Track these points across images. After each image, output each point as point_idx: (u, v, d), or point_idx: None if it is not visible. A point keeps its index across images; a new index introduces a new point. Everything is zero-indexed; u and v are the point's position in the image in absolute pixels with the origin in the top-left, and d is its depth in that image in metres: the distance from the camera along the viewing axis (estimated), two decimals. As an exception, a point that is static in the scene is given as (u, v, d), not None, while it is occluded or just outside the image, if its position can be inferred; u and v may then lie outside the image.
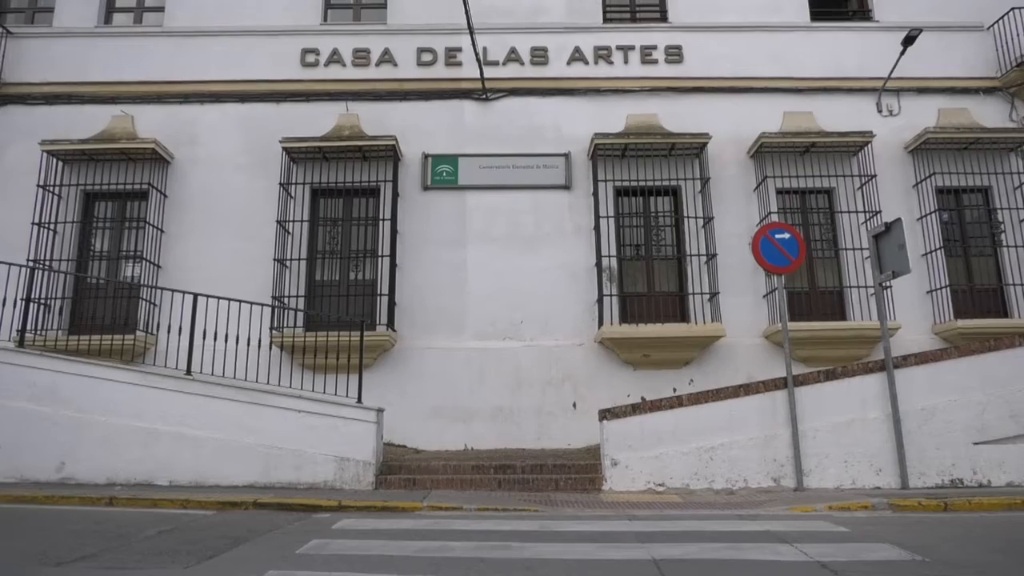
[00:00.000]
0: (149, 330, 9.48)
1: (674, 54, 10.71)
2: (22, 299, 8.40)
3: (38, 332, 9.06)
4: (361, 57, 10.67)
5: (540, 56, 10.70)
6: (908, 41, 9.55)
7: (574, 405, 9.50)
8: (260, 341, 8.55)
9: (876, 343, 9.40)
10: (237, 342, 8.24)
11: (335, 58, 10.65)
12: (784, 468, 7.52)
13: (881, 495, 6.89)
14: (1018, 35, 10.57)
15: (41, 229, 9.68)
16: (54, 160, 9.98)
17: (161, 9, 11.02)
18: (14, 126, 10.32)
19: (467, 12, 8.89)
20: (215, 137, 10.38)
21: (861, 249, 9.78)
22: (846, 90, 10.55)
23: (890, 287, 8.98)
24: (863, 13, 11.20)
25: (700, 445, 7.56)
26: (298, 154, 10.03)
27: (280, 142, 9.91)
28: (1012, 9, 10.57)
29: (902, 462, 7.39)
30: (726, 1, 10.89)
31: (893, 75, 10.12)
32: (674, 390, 9.37)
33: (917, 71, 10.40)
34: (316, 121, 10.24)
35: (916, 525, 5.70)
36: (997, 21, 10.70)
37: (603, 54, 10.72)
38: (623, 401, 8.93)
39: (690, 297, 9.77)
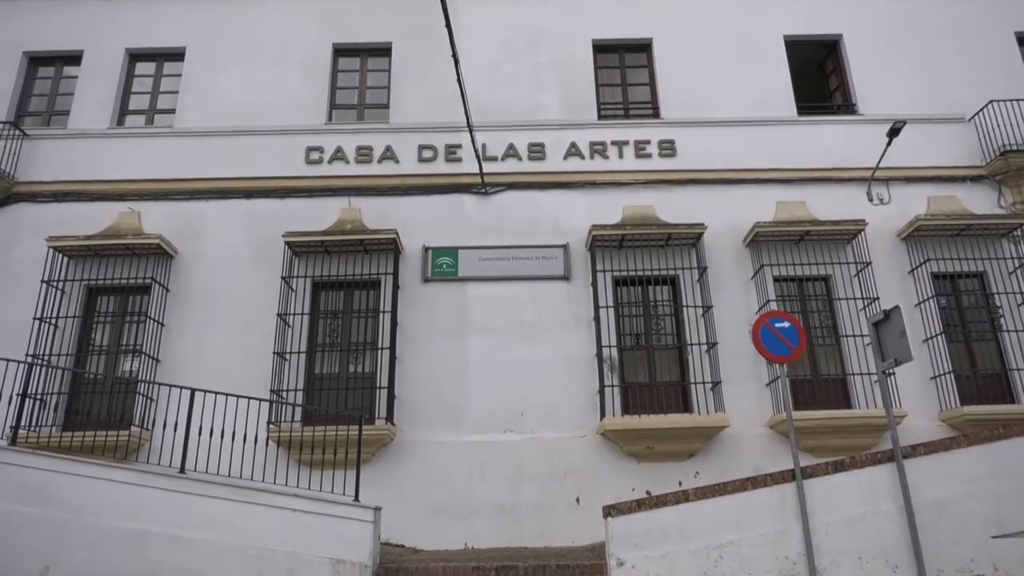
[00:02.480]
0: (145, 425, 9.36)
1: (667, 148, 11.05)
2: (18, 395, 8.34)
3: (32, 428, 8.95)
4: (364, 154, 11.01)
5: (537, 151, 11.04)
6: (893, 133, 9.85)
7: (577, 500, 9.25)
8: (256, 437, 8.40)
9: (883, 431, 9.24)
10: (233, 438, 8.12)
11: (339, 155, 10.99)
12: (796, 566, 7.21)
13: (900, 595, 6.60)
14: (999, 126, 10.95)
15: (42, 324, 9.71)
16: (60, 256, 10.14)
17: (172, 111, 11.47)
18: (23, 223, 10.54)
19: (466, 111, 9.23)
20: (219, 232, 10.58)
21: (862, 336, 9.78)
22: (836, 180, 10.82)
23: (893, 374, 8.91)
24: (848, 107, 11.62)
25: (708, 543, 7.28)
26: (300, 248, 10.19)
27: (283, 236, 10.08)
28: (990, 102, 10.99)
29: (919, 558, 7.10)
30: (715, 99, 11.32)
31: (881, 165, 10.40)
32: (680, 483, 9.14)
33: (904, 161, 10.69)
34: (319, 215, 10.47)
35: (939, 629, 5.42)
36: (977, 113, 11.10)
37: (598, 149, 11.06)
38: (628, 495, 8.70)
39: (692, 386, 9.69)
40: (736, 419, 9.42)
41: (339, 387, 9.77)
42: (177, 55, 11.80)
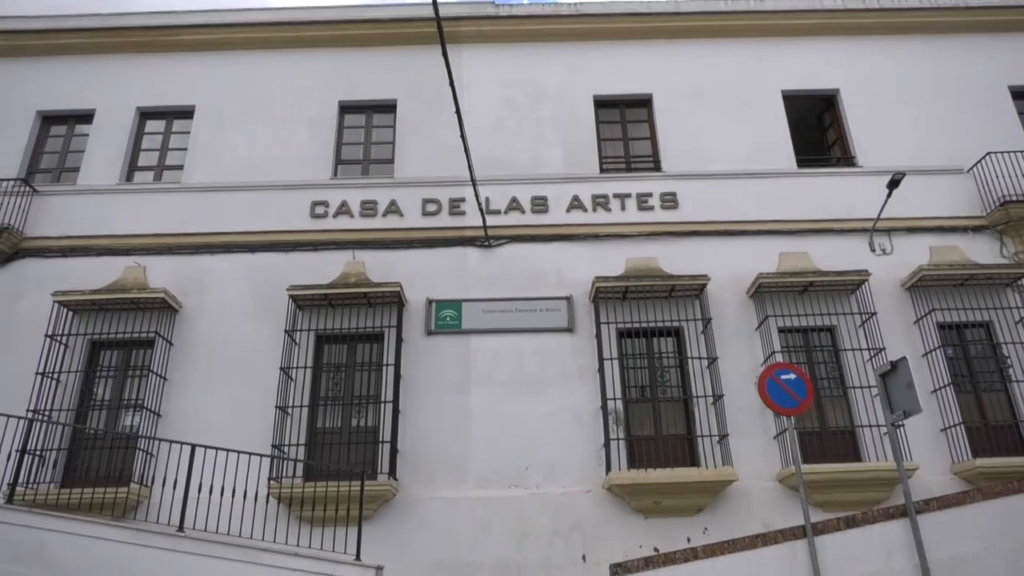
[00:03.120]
0: (144, 482, 9.22)
1: (669, 200, 11.15)
2: (17, 451, 8.25)
3: (30, 485, 8.82)
4: (368, 208, 11.12)
5: (540, 205, 11.14)
6: (893, 184, 9.90)
7: (583, 558, 9.02)
8: (257, 493, 8.27)
9: (894, 485, 9.06)
10: (233, 495, 7.99)
11: (344, 209, 11.10)
12: (811, 627, 6.99)
13: (919, 658, 6.36)
14: (997, 177, 11.04)
15: (45, 379, 9.68)
16: (64, 310, 10.15)
17: (180, 167, 11.65)
18: (29, 278, 10.59)
19: (470, 166, 9.36)
20: (224, 286, 10.61)
21: (869, 387, 9.67)
22: (838, 231, 10.86)
23: (903, 426, 8.77)
24: (847, 160, 11.75)
25: (719, 603, 7.08)
26: (304, 301, 10.20)
27: (287, 290, 10.11)
28: (988, 154, 11.10)
29: (937, 619, 6.88)
30: (715, 152, 11.46)
31: (882, 216, 10.43)
32: (688, 540, 8.92)
33: (905, 212, 10.75)
34: (323, 269, 10.51)
35: None
36: (976, 164, 11.21)
37: (601, 201, 11.16)
38: (635, 552, 8.51)
39: (699, 440, 9.55)
40: (744, 473, 9.26)
41: (341, 442, 9.65)
42: (186, 113, 12.06)
